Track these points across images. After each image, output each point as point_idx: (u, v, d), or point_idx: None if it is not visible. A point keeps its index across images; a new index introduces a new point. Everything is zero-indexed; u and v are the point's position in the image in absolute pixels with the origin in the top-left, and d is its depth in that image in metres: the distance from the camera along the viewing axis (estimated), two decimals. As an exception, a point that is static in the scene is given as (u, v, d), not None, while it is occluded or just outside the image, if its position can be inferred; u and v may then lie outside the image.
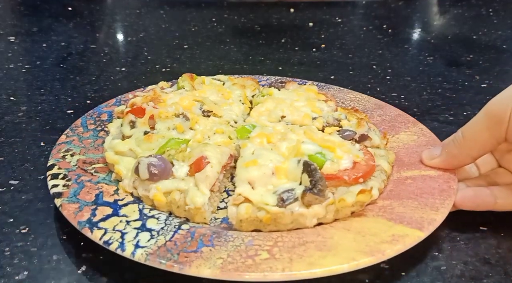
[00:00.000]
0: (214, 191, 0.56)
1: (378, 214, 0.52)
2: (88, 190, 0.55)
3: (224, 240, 0.48)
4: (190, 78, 0.75)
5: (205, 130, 0.63)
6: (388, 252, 0.46)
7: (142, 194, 0.55)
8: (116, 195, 0.55)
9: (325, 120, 0.67)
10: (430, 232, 0.49)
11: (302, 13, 1.59)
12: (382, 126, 0.72)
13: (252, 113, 0.69)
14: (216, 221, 0.55)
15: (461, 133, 0.57)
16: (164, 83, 0.78)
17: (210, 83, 0.77)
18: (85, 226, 0.48)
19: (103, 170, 0.60)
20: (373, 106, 0.78)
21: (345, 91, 0.84)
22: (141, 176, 0.54)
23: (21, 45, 1.20)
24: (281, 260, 0.45)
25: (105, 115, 0.73)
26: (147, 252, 0.45)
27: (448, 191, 0.55)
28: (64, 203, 0.52)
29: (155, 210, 0.53)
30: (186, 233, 0.49)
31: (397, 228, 0.49)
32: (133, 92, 0.78)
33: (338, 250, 0.46)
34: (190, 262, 0.44)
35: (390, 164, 0.61)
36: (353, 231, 0.49)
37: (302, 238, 0.48)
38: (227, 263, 0.44)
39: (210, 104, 0.68)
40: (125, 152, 0.60)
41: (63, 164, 0.59)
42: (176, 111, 0.64)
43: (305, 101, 0.71)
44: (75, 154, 0.62)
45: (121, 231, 0.48)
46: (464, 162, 0.58)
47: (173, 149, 0.58)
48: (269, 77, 0.89)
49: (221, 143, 0.61)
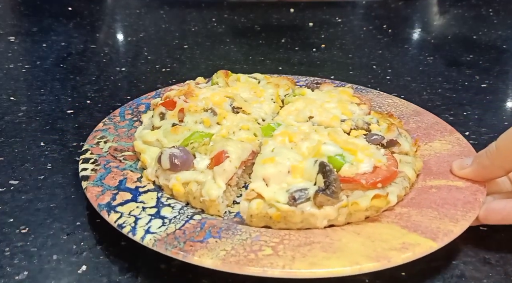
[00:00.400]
0: (231, 185, 0.57)
1: (393, 221, 0.51)
2: (113, 175, 0.57)
3: (232, 233, 0.49)
4: (225, 75, 0.77)
5: (231, 126, 0.64)
6: (395, 259, 0.45)
7: (162, 183, 0.57)
8: (139, 182, 0.57)
9: (354, 123, 0.65)
10: (444, 244, 0.47)
11: (302, 13, 1.59)
12: (416, 133, 0.70)
13: (281, 112, 0.69)
14: (230, 214, 0.56)
15: (495, 144, 0.54)
16: (201, 78, 0.80)
17: (245, 80, 0.78)
18: (104, 208, 0.51)
19: (131, 157, 0.62)
20: (411, 112, 0.77)
21: (384, 96, 0.83)
22: (163, 165, 0.56)
23: (21, 45, 1.20)
24: (284, 257, 0.45)
25: (143, 107, 0.76)
26: (156, 238, 0.47)
27: (472, 203, 0.53)
28: (89, 186, 0.55)
29: (172, 199, 0.55)
30: (196, 223, 0.50)
31: (410, 236, 0.48)
32: (172, 86, 0.80)
33: (344, 252, 0.46)
34: (194, 251, 0.45)
35: (416, 171, 0.59)
36: (363, 235, 0.48)
37: (309, 238, 0.48)
38: (230, 255, 0.45)
39: (240, 101, 0.69)
40: (152, 141, 0.62)
41: (96, 149, 0.62)
42: (205, 106, 0.65)
43: (337, 103, 0.70)
44: (108, 141, 0.65)
45: (135, 216, 0.50)
46: (495, 174, 0.56)
47: (197, 142, 0.60)
48: (308, 78, 0.89)
49: (245, 139, 0.62)
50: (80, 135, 0.74)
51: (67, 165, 0.67)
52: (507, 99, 0.97)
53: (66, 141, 0.74)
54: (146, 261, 0.50)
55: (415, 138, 0.67)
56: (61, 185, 0.63)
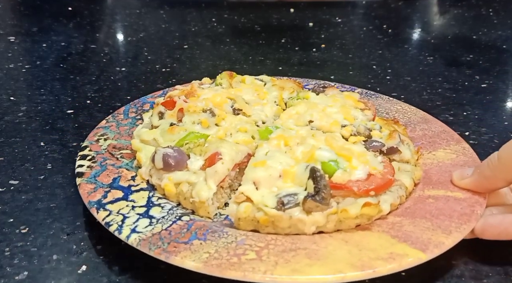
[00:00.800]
0: (223, 187, 0.57)
1: (384, 230, 0.50)
2: (108, 173, 0.58)
3: (218, 236, 0.48)
4: (229, 76, 0.77)
5: (229, 127, 0.63)
6: (380, 269, 0.44)
7: (155, 182, 0.57)
8: (132, 180, 0.57)
9: (355, 129, 0.64)
10: (434, 255, 0.46)
11: (302, 13, 1.59)
12: (421, 141, 0.68)
13: (282, 115, 0.69)
14: (220, 216, 0.55)
15: (497, 155, 0.52)
16: (206, 79, 0.80)
17: (251, 82, 0.77)
18: (94, 206, 0.51)
19: (129, 156, 0.63)
20: (419, 119, 0.75)
21: (393, 102, 0.81)
22: (157, 165, 0.56)
23: (21, 45, 1.20)
24: (266, 263, 0.44)
25: (147, 106, 0.76)
26: (141, 237, 0.47)
27: (469, 215, 0.51)
28: (83, 183, 0.55)
29: (163, 199, 0.55)
30: (183, 224, 0.50)
31: (399, 246, 0.47)
32: (176, 86, 0.80)
33: (328, 260, 0.45)
34: (177, 252, 0.45)
35: (414, 180, 0.58)
36: (351, 243, 0.47)
37: (295, 244, 0.47)
38: (212, 258, 0.44)
39: (241, 103, 0.69)
40: (149, 141, 0.62)
41: (94, 146, 0.63)
42: (204, 107, 0.65)
43: (339, 107, 0.68)
44: (108, 138, 0.65)
45: (124, 214, 0.50)
46: (497, 185, 0.54)
47: (192, 142, 0.60)
48: (318, 81, 0.87)
49: (241, 141, 0.61)
50: (80, 135, 0.75)
51: (67, 165, 0.67)
52: (507, 99, 0.97)
53: (66, 141, 0.74)
54: (146, 261, 0.50)
55: (418, 146, 0.65)
56: (61, 185, 0.63)
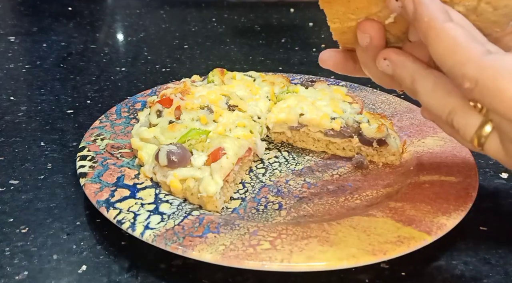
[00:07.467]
0: (228, 181, 0.58)
1: (388, 216, 0.52)
2: (111, 172, 0.58)
3: (230, 228, 0.49)
4: (221, 73, 0.77)
5: (227, 123, 0.64)
6: (390, 252, 0.46)
7: (160, 180, 0.57)
8: (136, 179, 0.58)
9: (345, 122, 0.67)
10: (438, 237, 0.48)
11: (302, 13, 1.59)
12: (409, 129, 0.71)
13: (273, 109, 0.70)
14: (227, 210, 0.56)
15: None
16: (196, 76, 0.81)
17: (241, 78, 0.78)
18: (103, 205, 0.51)
19: (128, 155, 0.63)
20: (404, 109, 0.78)
21: (378, 93, 0.84)
22: (161, 162, 0.56)
23: (21, 45, 1.20)
24: (282, 252, 0.45)
25: (139, 105, 0.76)
26: (155, 233, 0.47)
27: (464, 198, 0.54)
28: (87, 183, 0.55)
29: (170, 196, 0.56)
30: (195, 219, 0.51)
31: (405, 230, 0.49)
32: (168, 84, 0.81)
33: (340, 246, 0.46)
34: (194, 246, 0.46)
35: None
36: (359, 229, 0.49)
37: (306, 233, 0.49)
38: (229, 249, 0.45)
39: (236, 99, 0.70)
40: (149, 139, 0.62)
41: (92, 147, 0.63)
42: (201, 104, 0.66)
43: (328, 101, 0.71)
44: (105, 138, 0.65)
45: (134, 212, 0.51)
46: None
47: (194, 139, 0.60)
48: (303, 76, 0.90)
49: (241, 136, 0.62)
50: (80, 135, 0.74)
51: (67, 164, 0.67)
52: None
53: (66, 141, 0.74)
54: (146, 261, 0.50)
55: (404, 140, 0.68)
56: (61, 185, 0.63)
